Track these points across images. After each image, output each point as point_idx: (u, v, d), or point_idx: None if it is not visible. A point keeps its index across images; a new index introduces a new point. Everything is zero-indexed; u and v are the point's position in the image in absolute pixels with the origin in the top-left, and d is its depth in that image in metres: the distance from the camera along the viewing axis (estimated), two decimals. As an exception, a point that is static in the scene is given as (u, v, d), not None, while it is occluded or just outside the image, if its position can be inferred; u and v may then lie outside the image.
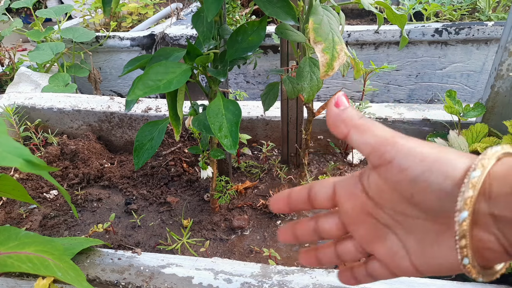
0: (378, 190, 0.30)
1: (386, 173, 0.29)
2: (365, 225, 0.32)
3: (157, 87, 0.53)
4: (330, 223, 0.35)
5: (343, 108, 0.32)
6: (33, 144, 1.12)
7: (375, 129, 0.30)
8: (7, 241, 0.50)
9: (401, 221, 0.30)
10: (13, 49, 1.76)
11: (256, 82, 1.71)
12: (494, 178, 0.25)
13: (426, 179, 0.27)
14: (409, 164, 0.27)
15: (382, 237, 0.32)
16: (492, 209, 0.25)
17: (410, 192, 0.28)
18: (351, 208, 0.33)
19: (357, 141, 0.30)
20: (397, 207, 0.30)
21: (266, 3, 0.59)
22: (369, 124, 0.31)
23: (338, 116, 0.32)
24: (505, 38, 0.77)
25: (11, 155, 0.38)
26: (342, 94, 0.33)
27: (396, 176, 0.28)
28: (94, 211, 0.94)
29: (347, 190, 0.33)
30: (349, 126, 0.31)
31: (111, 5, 0.61)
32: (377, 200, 0.31)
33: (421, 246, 0.29)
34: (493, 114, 0.84)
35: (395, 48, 1.52)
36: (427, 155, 0.27)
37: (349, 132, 0.31)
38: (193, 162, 1.08)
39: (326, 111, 0.33)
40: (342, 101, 0.32)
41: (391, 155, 0.28)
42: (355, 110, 0.32)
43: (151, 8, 2.00)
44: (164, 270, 0.61)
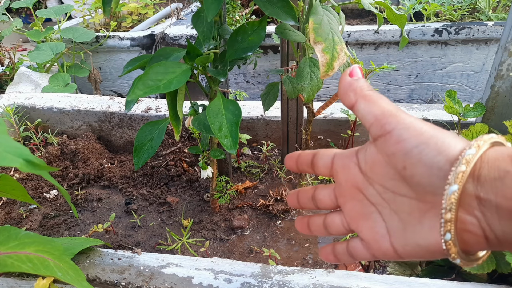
0: (372, 163, 0.32)
1: (383, 144, 0.30)
2: (353, 200, 0.34)
3: (157, 87, 0.52)
4: (324, 193, 0.37)
5: (356, 78, 0.33)
6: (33, 144, 1.12)
7: (382, 102, 0.31)
8: (7, 241, 0.49)
9: (388, 199, 0.31)
10: (13, 49, 1.76)
11: (256, 82, 1.71)
12: (485, 161, 0.26)
13: (420, 152, 0.27)
14: (406, 136, 0.28)
15: (367, 215, 0.33)
16: (478, 192, 0.26)
17: (403, 165, 0.29)
18: (344, 180, 0.34)
19: (363, 110, 0.31)
20: (387, 183, 0.31)
21: (266, 3, 0.59)
22: (377, 96, 0.32)
23: (349, 85, 0.33)
24: (505, 38, 0.77)
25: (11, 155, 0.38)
26: (357, 66, 0.34)
27: (392, 147, 0.29)
28: (94, 211, 0.94)
29: (343, 162, 0.34)
30: (358, 95, 0.32)
31: (111, 5, 0.61)
32: (369, 175, 0.32)
33: (403, 226, 0.30)
34: (493, 114, 0.84)
35: (395, 48, 1.52)
36: (425, 130, 0.28)
37: (357, 101, 0.32)
38: (193, 162, 1.08)
39: (339, 80, 0.34)
40: (356, 72, 0.33)
41: (392, 126, 0.29)
42: (366, 82, 0.33)
43: (151, 8, 2.00)
44: (164, 270, 0.61)
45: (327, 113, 1.04)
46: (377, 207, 0.32)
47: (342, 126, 1.04)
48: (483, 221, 0.26)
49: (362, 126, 1.02)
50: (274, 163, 1.04)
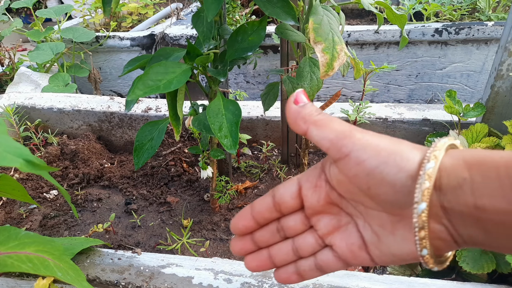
0: (337, 182, 0.31)
1: (344, 166, 0.30)
2: (329, 215, 0.33)
3: (157, 87, 0.52)
4: (294, 220, 0.34)
5: (302, 104, 0.32)
6: (33, 144, 1.12)
7: (333, 124, 0.31)
8: (7, 241, 0.49)
9: (361, 211, 0.31)
10: (13, 49, 1.76)
11: (256, 82, 1.71)
12: (443, 170, 0.26)
13: (382, 172, 0.28)
14: (365, 157, 0.28)
15: (343, 227, 0.33)
16: (442, 201, 0.26)
17: (367, 185, 0.29)
18: (316, 200, 0.33)
19: (316, 136, 0.31)
20: (356, 198, 0.31)
21: (266, 3, 0.59)
22: (327, 119, 0.31)
23: (297, 113, 0.32)
24: (505, 38, 0.77)
25: (11, 155, 0.38)
26: (301, 91, 0.33)
27: (353, 169, 0.29)
28: (94, 211, 0.94)
29: (312, 183, 0.33)
30: (308, 122, 0.31)
31: (111, 5, 0.61)
32: (339, 191, 0.32)
33: (377, 237, 0.30)
34: (493, 114, 0.84)
35: (395, 48, 1.52)
36: (382, 148, 0.28)
37: (308, 128, 0.31)
38: (193, 162, 1.08)
39: (285, 108, 0.33)
40: (301, 98, 0.33)
41: (348, 148, 0.29)
42: (313, 106, 0.32)
43: (151, 8, 2.00)
44: (164, 270, 0.61)
45: (327, 113, 1.04)
46: (353, 218, 0.32)
47: (342, 126, 1.04)
48: (450, 228, 0.27)
49: (362, 126, 1.02)
50: (274, 163, 1.04)
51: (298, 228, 0.34)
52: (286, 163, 1.04)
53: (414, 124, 0.98)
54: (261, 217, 0.35)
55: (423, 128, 0.98)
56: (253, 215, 0.35)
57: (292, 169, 1.03)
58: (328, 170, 0.32)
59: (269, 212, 0.34)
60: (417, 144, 0.29)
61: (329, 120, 0.31)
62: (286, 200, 0.34)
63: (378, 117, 1.00)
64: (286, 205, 0.34)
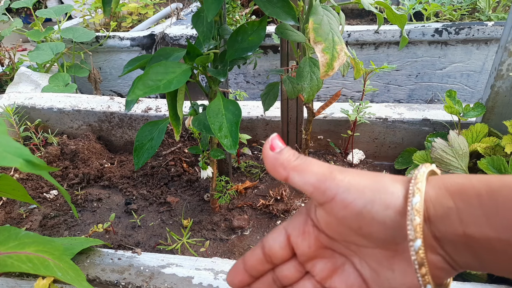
0: (326, 224, 0.31)
1: (331, 210, 0.29)
2: (323, 259, 0.33)
3: (157, 87, 0.52)
4: (288, 268, 0.33)
5: (279, 150, 0.32)
6: (33, 144, 1.12)
7: (313, 167, 0.30)
8: (7, 241, 0.49)
9: (355, 250, 0.31)
10: (13, 49, 1.76)
11: (256, 82, 1.71)
12: (429, 200, 0.26)
13: (370, 211, 0.27)
14: (351, 199, 0.28)
15: (340, 268, 0.32)
16: (434, 232, 0.26)
17: (357, 225, 0.28)
18: (307, 246, 0.32)
19: (298, 182, 0.30)
20: (347, 238, 0.30)
21: (266, 3, 0.59)
22: (306, 163, 0.31)
23: (275, 160, 0.31)
24: (505, 38, 0.77)
25: (11, 155, 0.38)
26: (275, 135, 0.33)
27: (341, 212, 0.29)
28: (94, 211, 0.94)
29: (300, 230, 0.33)
30: (287, 169, 0.31)
31: (111, 5, 0.61)
32: (328, 233, 0.31)
33: (376, 274, 0.30)
34: (493, 114, 0.84)
35: (395, 48, 1.52)
36: (365, 186, 0.28)
37: (288, 174, 0.31)
38: (193, 162, 1.08)
39: (263, 155, 0.32)
40: (277, 144, 0.32)
41: (333, 192, 0.29)
42: (291, 151, 0.32)
43: (151, 8, 2.00)
44: (164, 270, 0.61)
45: (327, 113, 1.04)
46: (348, 257, 0.32)
47: (342, 126, 1.04)
48: (446, 257, 0.27)
49: (362, 126, 1.02)
50: (274, 163, 1.04)
51: (294, 277, 0.34)
52: (286, 163, 1.04)
53: (414, 124, 0.98)
54: (254, 270, 0.34)
55: (423, 128, 0.98)
56: (246, 269, 0.34)
57: (292, 169, 1.03)
58: (314, 214, 0.32)
59: (262, 265, 0.34)
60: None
61: (308, 164, 0.30)
62: (276, 251, 0.33)
63: (378, 117, 1.00)
64: (277, 256, 0.33)
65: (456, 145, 0.75)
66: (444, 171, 0.77)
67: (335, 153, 1.08)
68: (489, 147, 0.78)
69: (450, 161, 0.75)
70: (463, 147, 0.75)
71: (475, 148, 0.79)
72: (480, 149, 0.78)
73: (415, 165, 0.84)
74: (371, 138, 1.04)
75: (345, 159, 1.06)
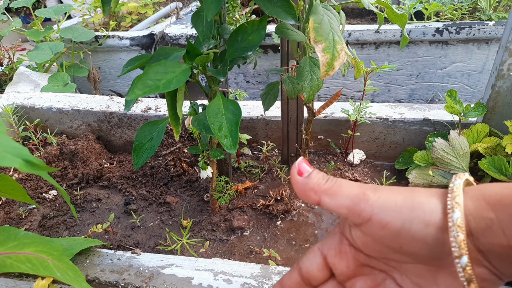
0: (364, 244, 0.30)
1: (368, 230, 0.29)
2: (363, 276, 0.32)
3: (157, 86, 0.52)
4: None
5: (307, 174, 0.31)
6: (32, 144, 1.12)
7: (343, 189, 0.30)
8: (6, 241, 0.49)
9: (395, 266, 0.30)
10: (12, 49, 1.75)
11: (256, 81, 1.71)
12: (468, 214, 0.26)
13: (409, 230, 0.27)
14: (388, 219, 0.28)
15: (381, 284, 0.32)
16: (478, 245, 0.26)
17: (397, 245, 0.28)
18: (345, 266, 0.32)
19: (331, 205, 0.30)
20: (387, 255, 0.30)
21: (266, 2, 0.59)
22: (336, 185, 0.30)
23: (305, 185, 0.31)
24: (506, 37, 0.76)
25: (10, 155, 0.38)
26: (301, 160, 0.32)
27: (379, 232, 0.28)
28: (93, 211, 0.94)
29: (336, 250, 0.32)
30: (318, 193, 0.30)
31: (110, 4, 0.60)
32: (366, 252, 0.31)
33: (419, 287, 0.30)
34: (494, 114, 0.84)
35: (395, 48, 1.52)
36: (401, 205, 0.28)
37: (320, 198, 0.30)
38: (193, 162, 1.07)
39: (291, 180, 0.32)
40: (304, 168, 0.32)
41: (368, 212, 0.28)
42: (319, 174, 0.31)
43: (150, 8, 1.99)
44: (164, 271, 0.61)
45: (327, 113, 1.04)
46: (388, 273, 0.31)
47: (342, 126, 1.04)
48: (492, 269, 0.26)
49: (363, 126, 1.02)
50: (274, 163, 1.03)
51: None
52: (286, 163, 1.04)
53: (414, 124, 0.98)
54: None
55: (424, 128, 0.98)
56: None
57: (292, 169, 1.03)
58: (349, 234, 0.31)
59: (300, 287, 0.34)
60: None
61: (338, 186, 0.30)
62: (314, 273, 0.33)
63: (379, 117, 1.00)
64: (315, 277, 0.33)
65: (457, 145, 0.75)
66: (444, 171, 0.77)
67: (336, 153, 1.08)
68: (490, 147, 0.78)
69: (451, 161, 0.75)
70: (464, 147, 0.75)
71: (476, 148, 0.78)
72: (481, 149, 0.78)
73: (415, 165, 0.84)
74: (371, 138, 1.04)
75: (346, 159, 1.06)
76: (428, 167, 0.80)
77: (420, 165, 0.82)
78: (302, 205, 0.92)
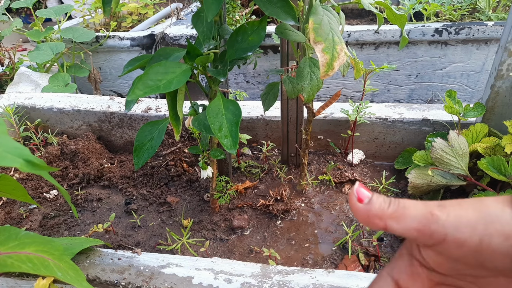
0: (438, 264, 0.30)
1: (443, 250, 0.28)
2: None
3: (157, 87, 0.52)
4: None
5: (368, 200, 0.30)
6: (33, 144, 1.12)
7: (409, 211, 0.29)
8: (7, 241, 0.49)
9: (473, 281, 0.30)
10: (13, 49, 1.76)
11: (256, 82, 1.71)
12: None
13: (489, 245, 0.26)
14: (464, 238, 0.27)
15: None
16: None
17: (477, 261, 0.27)
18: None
19: (399, 230, 0.29)
20: (465, 272, 0.29)
21: (266, 3, 0.59)
22: (400, 208, 0.29)
23: (368, 212, 0.30)
24: (505, 38, 0.77)
25: (11, 155, 0.38)
26: (358, 185, 0.31)
27: (455, 252, 0.27)
28: (94, 211, 0.94)
29: (407, 273, 0.31)
30: (384, 218, 0.30)
31: (111, 5, 0.61)
32: (441, 271, 0.30)
33: None
34: (493, 114, 0.84)
35: (395, 48, 1.52)
36: (475, 221, 0.27)
37: (386, 223, 0.30)
38: (193, 162, 1.08)
39: (351, 208, 0.31)
40: (363, 194, 0.31)
41: (441, 233, 0.27)
42: (380, 198, 0.31)
43: (151, 8, 2.00)
44: (164, 270, 0.61)
45: (327, 113, 1.04)
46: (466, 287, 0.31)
47: (342, 126, 1.04)
48: None
49: (362, 126, 1.02)
50: (274, 163, 1.04)
51: None
52: (286, 163, 1.04)
53: (414, 124, 0.98)
54: None
55: (423, 128, 0.98)
56: None
57: (292, 169, 1.03)
58: (419, 255, 0.31)
59: None
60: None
61: (403, 208, 0.29)
62: None
63: (378, 117, 1.00)
64: None
65: (456, 145, 0.75)
66: (444, 170, 0.77)
67: (335, 153, 1.08)
68: (489, 147, 0.78)
69: (450, 161, 0.75)
70: (463, 147, 0.75)
71: (475, 148, 0.79)
72: (480, 149, 0.78)
73: (415, 165, 0.84)
74: (371, 138, 1.04)
75: (345, 159, 1.06)
76: (427, 167, 0.80)
77: (419, 165, 0.83)
78: (302, 205, 0.92)
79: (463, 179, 0.76)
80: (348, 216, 0.89)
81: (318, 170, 1.03)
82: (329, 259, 0.79)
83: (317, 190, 0.97)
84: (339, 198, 0.94)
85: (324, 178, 0.97)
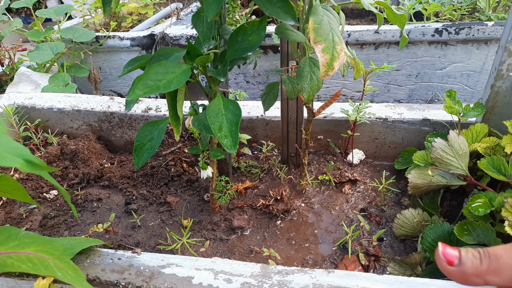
0: None
1: None
2: None
3: (157, 87, 0.52)
4: None
5: (458, 262, 0.30)
6: (33, 144, 1.12)
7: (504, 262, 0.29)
8: (7, 241, 0.49)
9: None
10: (13, 49, 1.76)
11: (256, 82, 1.71)
12: None
13: None
14: None
15: None
16: None
17: None
18: None
19: (500, 283, 0.29)
20: None
21: (266, 3, 0.59)
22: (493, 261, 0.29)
23: (463, 273, 0.30)
24: (505, 38, 0.77)
25: (11, 155, 0.38)
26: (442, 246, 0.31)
27: None
28: (94, 211, 0.94)
29: None
30: (481, 276, 0.29)
31: (111, 5, 0.61)
32: None
33: None
34: (493, 114, 0.84)
35: (395, 48, 1.52)
36: None
37: (485, 280, 0.29)
38: (193, 162, 1.08)
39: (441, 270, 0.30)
40: (451, 254, 0.30)
41: None
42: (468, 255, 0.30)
43: (151, 8, 2.00)
44: (164, 270, 0.61)
45: (327, 113, 1.04)
46: None
47: (342, 126, 1.04)
48: None
49: (362, 126, 1.02)
50: (274, 163, 1.04)
51: None
52: (286, 163, 1.04)
53: (414, 124, 0.98)
54: None
55: (423, 128, 0.98)
56: None
57: (292, 169, 1.03)
58: None
59: None
60: None
61: (495, 260, 0.29)
62: None
63: (378, 117, 1.00)
64: None
65: (456, 145, 0.75)
66: (444, 170, 0.77)
67: (335, 153, 1.08)
68: (489, 147, 0.78)
69: (450, 161, 0.75)
70: (463, 147, 0.75)
71: (475, 148, 0.79)
72: (480, 149, 0.78)
73: (415, 165, 0.84)
74: (371, 138, 1.04)
75: (345, 159, 1.06)
76: (427, 167, 0.80)
77: (419, 165, 0.83)
78: (302, 205, 0.92)
79: (463, 179, 0.76)
80: (348, 216, 0.89)
81: (318, 170, 1.03)
82: (329, 259, 0.79)
83: (317, 190, 0.97)
84: (339, 198, 0.94)
85: (324, 178, 0.97)
